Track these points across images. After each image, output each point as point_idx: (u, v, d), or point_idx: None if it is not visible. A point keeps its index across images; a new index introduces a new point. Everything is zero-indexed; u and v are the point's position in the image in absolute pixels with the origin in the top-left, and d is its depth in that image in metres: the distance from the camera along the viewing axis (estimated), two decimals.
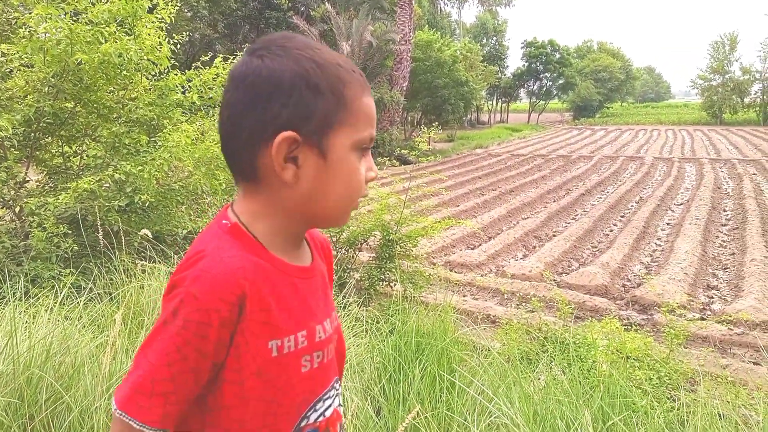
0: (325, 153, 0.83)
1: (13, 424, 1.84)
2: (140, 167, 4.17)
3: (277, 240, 0.89)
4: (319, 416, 0.94)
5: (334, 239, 5.33)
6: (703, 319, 5.94)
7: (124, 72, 4.36)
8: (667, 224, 10.70)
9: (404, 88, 22.13)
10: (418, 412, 2.14)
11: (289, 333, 0.87)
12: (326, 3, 22.06)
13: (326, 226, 0.96)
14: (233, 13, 23.47)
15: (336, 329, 1.01)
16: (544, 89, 49.99)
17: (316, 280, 0.96)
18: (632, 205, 12.62)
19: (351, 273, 5.38)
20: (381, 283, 5.36)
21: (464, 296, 6.60)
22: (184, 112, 5.10)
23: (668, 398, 3.11)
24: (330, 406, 0.97)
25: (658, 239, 9.67)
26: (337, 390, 1.01)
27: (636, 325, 5.48)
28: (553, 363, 2.99)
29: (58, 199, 3.93)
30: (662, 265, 7.95)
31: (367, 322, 3.48)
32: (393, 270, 5.28)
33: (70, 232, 3.93)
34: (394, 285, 5.32)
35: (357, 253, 5.62)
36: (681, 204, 12.61)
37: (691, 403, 2.80)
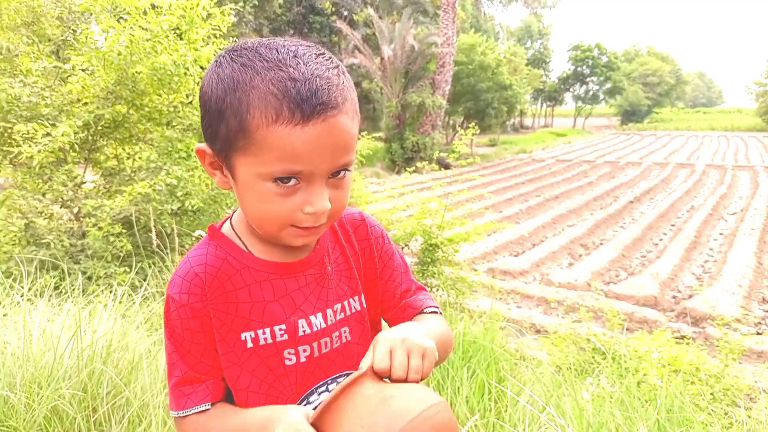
0: (233, 174, 0.82)
1: (78, 416, 1.93)
2: (190, 172, 4.30)
3: (255, 238, 0.92)
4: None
5: None
6: (758, 333, 5.71)
7: (176, 77, 4.48)
8: (720, 234, 10.33)
9: (447, 92, 22.07)
10: (470, 419, 2.12)
11: (263, 326, 0.88)
12: (369, 7, 22.25)
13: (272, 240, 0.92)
14: (278, 18, 23.92)
15: (346, 320, 0.96)
16: (591, 93, 49.06)
17: (309, 273, 0.93)
18: (683, 214, 12.24)
19: None
20: None
21: (508, 304, 6.53)
22: None
23: (725, 414, 3.00)
24: None
25: (711, 249, 9.35)
26: None
27: (687, 338, 5.31)
28: (603, 375, 2.92)
29: (115, 201, 4.10)
30: (715, 276, 7.68)
31: None
32: (436, 275, 5.25)
33: (124, 231, 4.08)
34: (437, 291, 5.29)
35: None
36: (734, 213, 12.15)
37: (750, 420, 2.69)
